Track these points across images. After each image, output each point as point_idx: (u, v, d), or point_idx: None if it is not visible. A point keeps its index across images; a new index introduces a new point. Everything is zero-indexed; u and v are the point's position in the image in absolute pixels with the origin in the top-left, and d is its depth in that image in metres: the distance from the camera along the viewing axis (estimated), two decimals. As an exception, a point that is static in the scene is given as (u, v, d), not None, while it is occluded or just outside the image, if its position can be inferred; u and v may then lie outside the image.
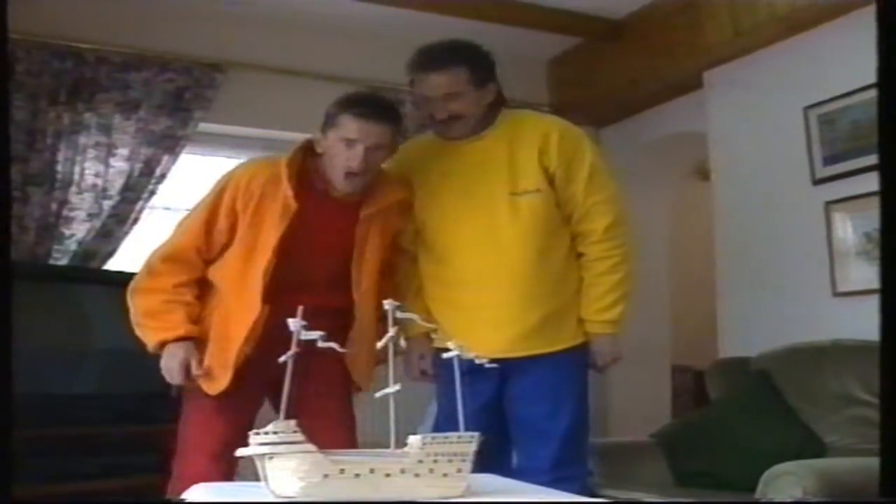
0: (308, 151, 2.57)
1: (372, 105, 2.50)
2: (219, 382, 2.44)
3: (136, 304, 2.52)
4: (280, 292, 2.41)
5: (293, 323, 1.70)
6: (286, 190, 2.44)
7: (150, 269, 2.54)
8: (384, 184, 2.60)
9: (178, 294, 2.49)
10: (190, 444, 2.54)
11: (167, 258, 2.52)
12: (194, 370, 2.44)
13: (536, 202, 2.58)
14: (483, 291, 2.59)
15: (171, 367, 2.45)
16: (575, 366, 2.67)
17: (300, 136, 2.66)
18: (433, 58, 2.63)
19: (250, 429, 1.67)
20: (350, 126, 2.43)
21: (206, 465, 2.42)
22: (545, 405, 2.59)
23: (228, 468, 2.42)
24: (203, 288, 2.55)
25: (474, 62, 2.65)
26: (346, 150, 2.43)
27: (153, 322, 2.48)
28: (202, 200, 2.56)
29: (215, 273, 2.54)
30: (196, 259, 2.53)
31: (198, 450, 2.49)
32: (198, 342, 2.48)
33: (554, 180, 2.61)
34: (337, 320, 2.48)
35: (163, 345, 2.46)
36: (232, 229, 2.50)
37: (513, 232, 2.57)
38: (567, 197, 2.62)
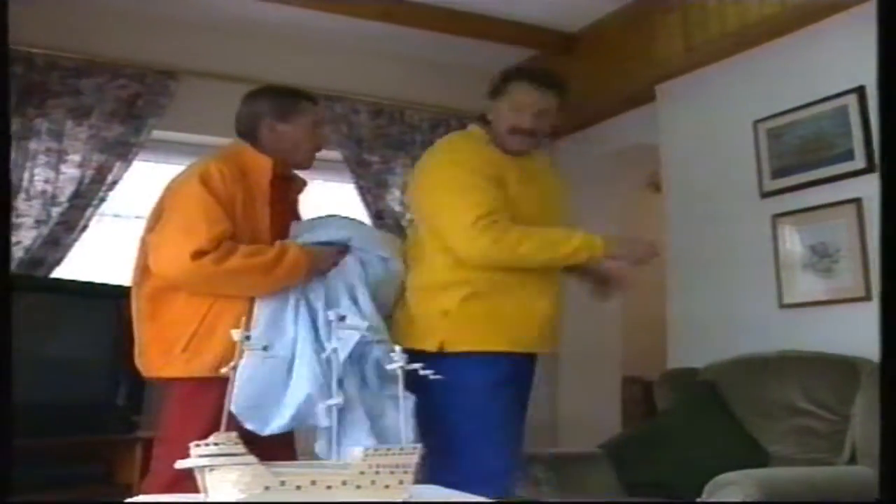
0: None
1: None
2: None
3: None
4: None
5: (236, 333, 1.70)
6: (263, 162, 2.60)
7: None
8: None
9: None
10: None
11: None
12: None
13: None
14: None
15: None
16: None
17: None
18: (550, 77, 2.85)
19: None
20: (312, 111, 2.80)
21: None
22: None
23: None
24: None
25: (563, 93, 2.86)
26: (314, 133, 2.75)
27: None
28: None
29: None
30: None
31: None
32: None
33: None
34: None
35: None
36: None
37: None
38: None
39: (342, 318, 2.22)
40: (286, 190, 2.73)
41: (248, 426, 2.27)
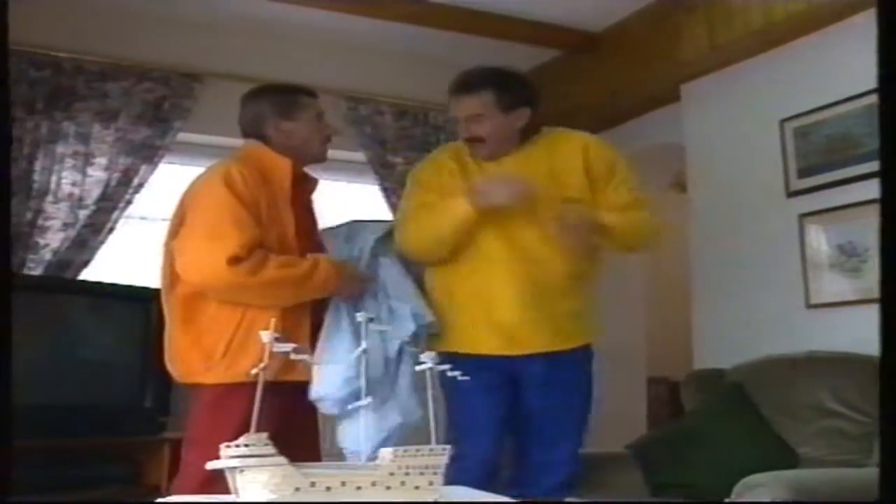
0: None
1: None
2: None
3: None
4: None
5: (265, 335, 1.70)
6: (282, 164, 2.61)
7: None
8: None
9: None
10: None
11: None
12: None
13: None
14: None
15: None
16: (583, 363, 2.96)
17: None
18: (462, 80, 2.77)
19: None
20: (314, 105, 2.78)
21: None
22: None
23: None
24: None
25: (503, 88, 2.73)
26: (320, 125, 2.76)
27: None
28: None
29: None
30: None
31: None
32: None
33: (595, 187, 2.78)
34: None
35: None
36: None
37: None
38: (605, 198, 2.78)
39: (371, 320, 2.22)
40: (301, 190, 2.72)
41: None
